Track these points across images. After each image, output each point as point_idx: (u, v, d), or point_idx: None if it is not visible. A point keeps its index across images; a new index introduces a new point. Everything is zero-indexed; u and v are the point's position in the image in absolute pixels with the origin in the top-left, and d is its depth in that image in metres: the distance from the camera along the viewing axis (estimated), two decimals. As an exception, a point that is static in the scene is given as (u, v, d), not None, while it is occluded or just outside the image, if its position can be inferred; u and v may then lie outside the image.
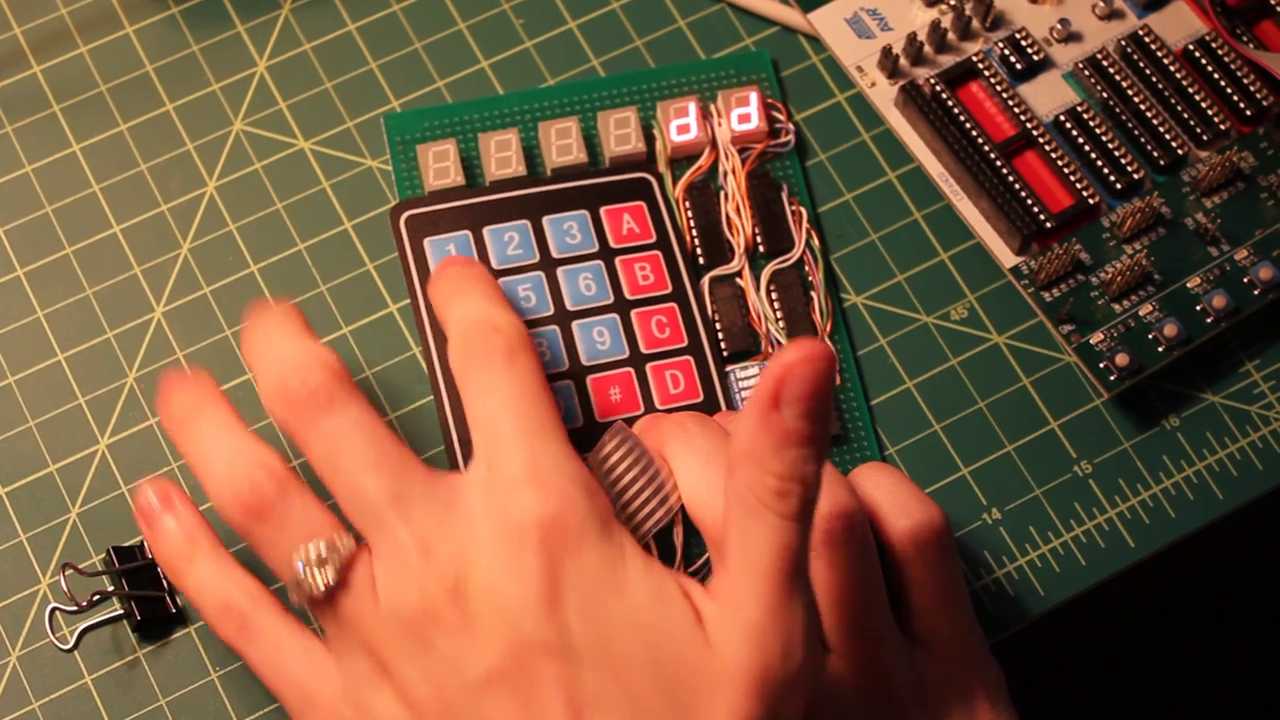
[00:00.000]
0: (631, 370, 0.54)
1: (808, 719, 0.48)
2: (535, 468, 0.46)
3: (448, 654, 0.45)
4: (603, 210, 0.56)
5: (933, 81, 0.57)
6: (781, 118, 0.58)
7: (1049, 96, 0.58)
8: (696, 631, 0.45)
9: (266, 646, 0.48)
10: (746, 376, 0.55)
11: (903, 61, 0.58)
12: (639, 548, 0.47)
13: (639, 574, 0.46)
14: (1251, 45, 0.58)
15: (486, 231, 0.55)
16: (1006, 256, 0.56)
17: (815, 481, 0.45)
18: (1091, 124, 0.57)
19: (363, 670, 0.46)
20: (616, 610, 0.45)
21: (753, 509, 0.45)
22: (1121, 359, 0.55)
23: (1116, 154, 0.57)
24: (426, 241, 0.55)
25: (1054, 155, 0.56)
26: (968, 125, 0.57)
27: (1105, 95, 0.58)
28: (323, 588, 0.46)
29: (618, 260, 0.56)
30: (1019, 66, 0.58)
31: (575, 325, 0.55)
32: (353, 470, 0.47)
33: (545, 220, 0.56)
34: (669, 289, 0.55)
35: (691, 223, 0.56)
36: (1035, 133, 0.57)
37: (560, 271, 0.55)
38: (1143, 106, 0.57)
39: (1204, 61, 0.58)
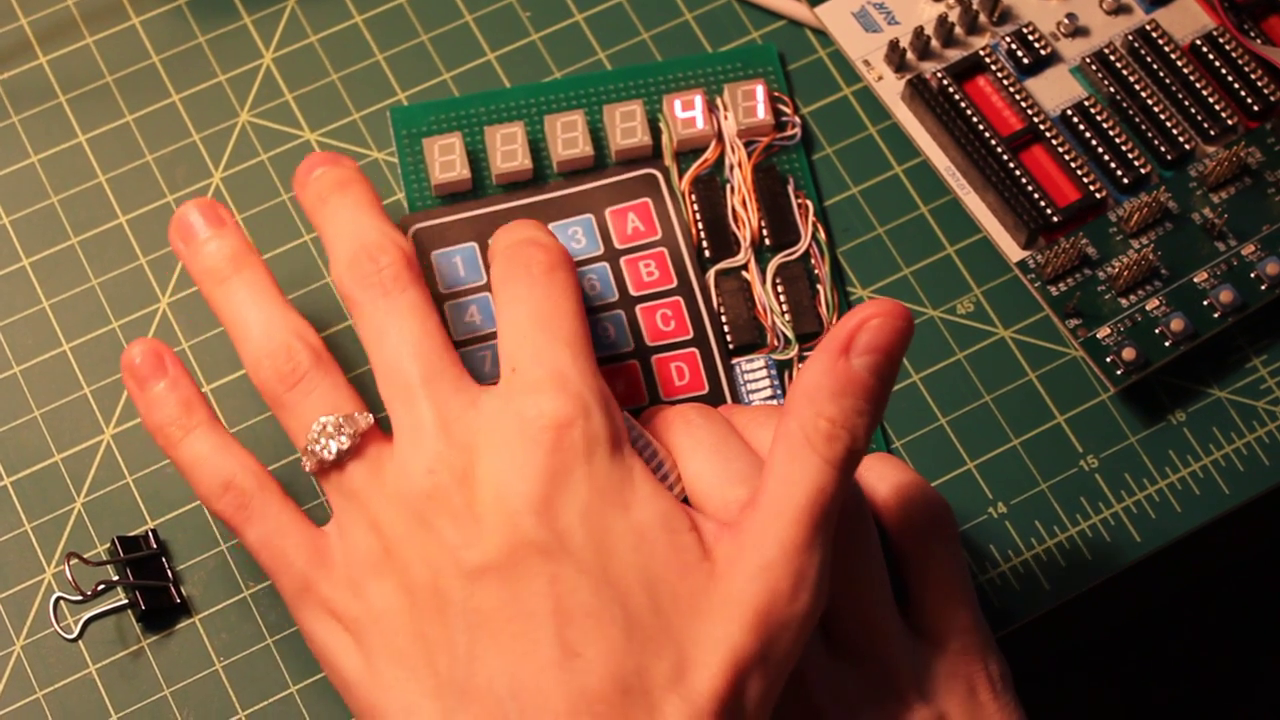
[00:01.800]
0: (637, 363, 0.54)
1: (811, 711, 0.48)
2: (558, 373, 0.47)
3: (447, 539, 0.45)
4: (607, 212, 0.56)
5: (940, 75, 0.57)
6: (788, 111, 0.58)
7: (1056, 91, 0.58)
8: (701, 562, 0.45)
9: (268, 528, 0.48)
10: (752, 369, 0.55)
11: (909, 55, 0.58)
12: (650, 474, 0.47)
13: (647, 496, 0.46)
14: (1259, 40, 0.58)
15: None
16: (1013, 250, 0.56)
17: (865, 436, 0.45)
18: (1098, 119, 0.57)
19: (365, 550, 0.47)
20: (619, 526, 0.45)
21: (798, 449, 0.45)
22: (1128, 353, 0.54)
23: (1123, 149, 0.57)
24: (434, 254, 0.55)
25: (1061, 150, 0.56)
26: (974, 119, 0.57)
27: (1112, 90, 0.57)
28: (335, 453, 0.47)
29: (623, 260, 0.56)
30: (1026, 61, 0.58)
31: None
32: (397, 346, 0.48)
33: (550, 228, 0.56)
34: (674, 284, 0.55)
35: (697, 216, 0.56)
36: (1042, 127, 0.57)
37: None
38: (1150, 101, 0.57)
39: (1211, 57, 0.58)
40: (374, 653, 0.46)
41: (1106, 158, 0.57)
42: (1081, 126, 0.57)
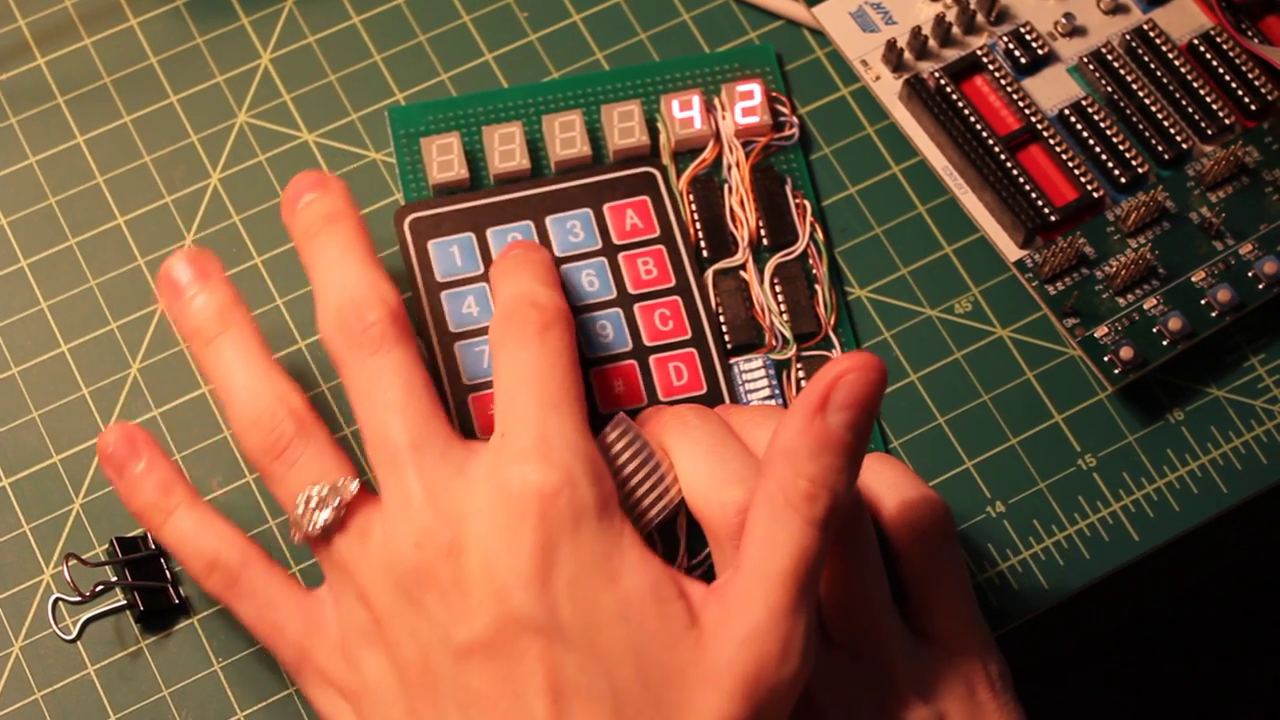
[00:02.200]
0: (635, 363, 0.54)
1: (811, 710, 0.48)
2: (544, 440, 0.46)
3: (436, 616, 0.45)
4: (606, 208, 0.56)
5: (937, 75, 0.57)
6: (786, 111, 0.58)
7: (1053, 90, 0.58)
8: (688, 631, 0.45)
9: (259, 603, 0.48)
10: (750, 369, 0.55)
11: (907, 55, 0.58)
12: (639, 539, 0.47)
13: (634, 565, 0.46)
14: (1256, 40, 0.58)
15: (490, 233, 0.55)
16: (1011, 250, 0.56)
17: (845, 492, 0.45)
18: (1096, 118, 0.57)
19: (357, 622, 0.47)
20: (607, 599, 0.45)
21: (779, 510, 0.45)
22: (1126, 353, 0.55)
23: (1121, 148, 0.57)
24: (430, 244, 0.55)
25: (1058, 149, 0.56)
26: (972, 119, 0.57)
27: (1110, 89, 0.58)
28: (319, 527, 0.47)
29: (621, 256, 0.56)
30: (1023, 60, 0.58)
31: (579, 320, 0.55)
32: (383, 410, 0.47)
33: (548, 220, 0.56)
34: (672, 282, 0.55)
35: (695, 216, 0.56)
36: (1040, 127, 0.57)
37: (564, 270, 0.55)
38: (1147, 101, 0.57)
39: (1209, 56, 0.58)
40: None
41: (1104, 157, 0.57)
42: (1079, 126, 0.57)
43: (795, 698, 0.46)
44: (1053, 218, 0.55)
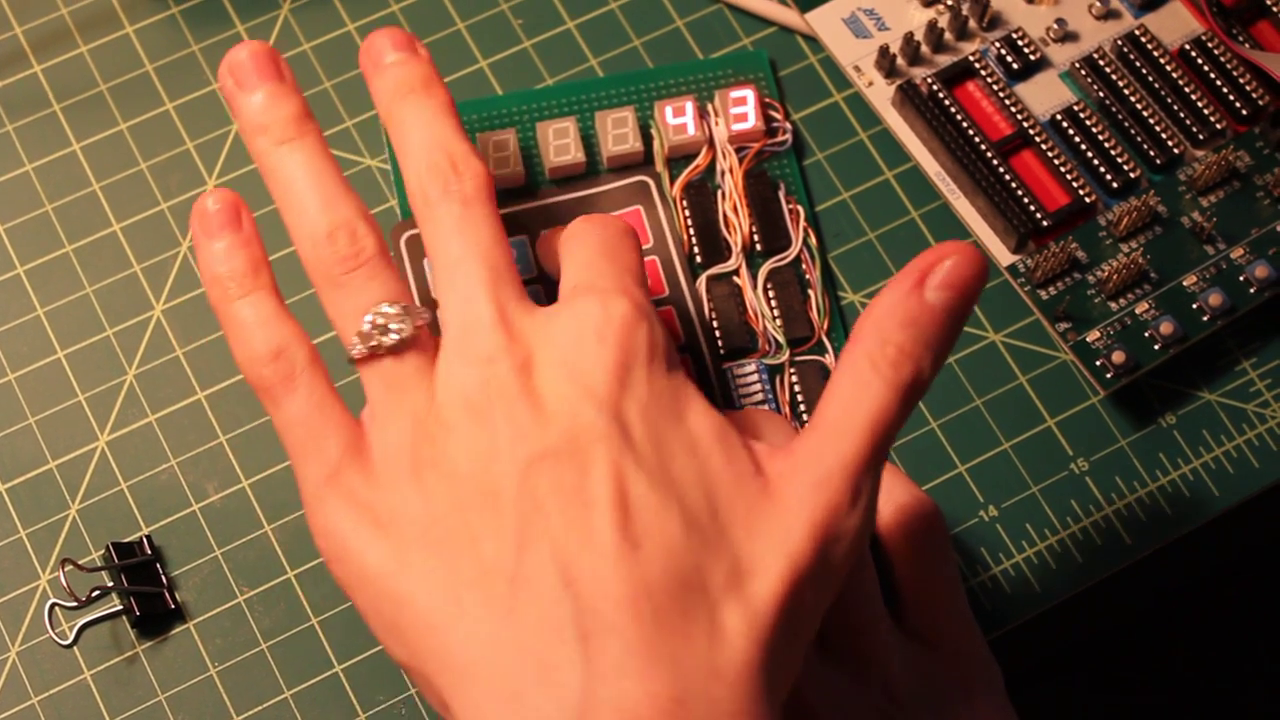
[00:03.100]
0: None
1: (804, 713, 0.48)
2: (627, 288, 0.46)
3: (502, 427, 0.44)
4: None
5: (930, 81, 0.57)
6: (779, 117, 0.59)
7: (1045, 96, 0.58)
8: (755, 475, 0.45)
9: (309, 404, 0.46)
10: (744, 374, 0.55)
11: (900, 61, 0.58)
12: (702, 394, 0.46)
13: (702, 409, 0.46)
14: (1247, 45, 0.58)
15: None
16: (1003, 255, 0.56)
17: (931, 370, 0.45)
18: (1088, 123, 0.57)
19: (405, 444, 0.45)
20: (677, 432, 0.45)
21: (863, 375, 0.45)
22: (1118, 357, 0.55)
23: (1113, 153, 0.57)
24: (426, 261, 0.55)
25: (1050, 154, 0.57)
26: (964, 124, 0.57)
27: (1102, 95, 0.58)
28: (395, 340, 0.46)
29: (616, 264, 0.56)
30: (1015, 66, 0.58)
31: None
32: (465, 249, 0.46)
33: (543, 236, 0.56)
34: (666, 292, 0.56)
35: (689, 221, 0.57)
36: (1032, 132, 0.57)
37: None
38: (1139, 106, 0.57)
39: (1200, 61, 0.58)
40: (406, 543, 0.44)
41: (1096, 162, 0.57)
42: (1071, 131, 0.57)
43: (856, 552, 0.45)
44: (1045, 223, 0.56)
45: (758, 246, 0.57)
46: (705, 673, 0.42)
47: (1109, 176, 0.56)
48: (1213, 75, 0.58)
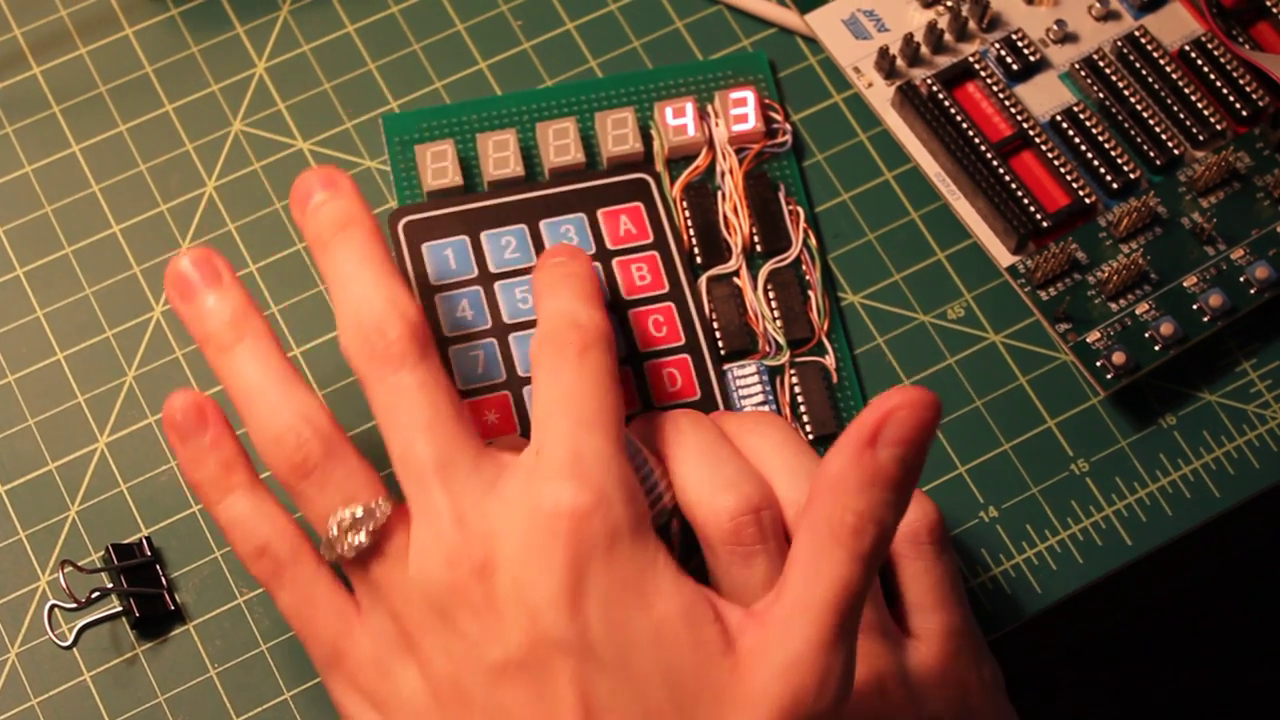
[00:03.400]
0: (629, 369, 0.55)
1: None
2: (578, 459, 0.46)
3: (468, 634, 0.45)
4: (600, 213, 0.56)
5: (929, 82, 0.57)
6: (779, 118, 0.59)
7: (1045, 97, 0.58)
8: (724, 656, 0.45)
9: (300, 596, 0.48)
10: (744, 375, 0.55)
11: (899, 62, 0.58)
12: (673, 561, 0.46)
13: (669, 587, 0.45)
14: (1247, 46, 0.58)
15: (484, 236, 0.56)
16: (1003, 256, 0.56)
17: (892, 528, 0.45)
18: (1088, 124, 0.57)
19: (389, 637, 0.47)
20: (640, 622, 0.45)
21: (824, 542, 0.44)
22: (1118, 358, 0.55)
23: (1113, 154, 0.57)
24: (424, 246, 0.55)
25: (1050, 155, 0.57)
26: (964, 125, 0.57)
27: (1101, 96, 0.58)
28: (353, 551, 0.46)
29: (615, 261, 0.56)
30: (1015, 67, 0.58)
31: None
32: (407, 428, 0.47)
33: (542, 224, 0.56)
34: (666, 289, 0.56)
35: (689, 222, 0.57)
36: (1032, 133, 0.57)
37: None
38: (1139, 107, 0.57)
39: (1200, 62, 0.58)
40: None
41: (1096, 163, 0.57)
42: (1071, 132, 0.57)
43: None
44: (1045, 223, 0.56)
45: (758, 247, 0.57)
46: None
47: (1109, 177, 0.56)
48: (1212, 76, 0.58)
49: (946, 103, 0.57)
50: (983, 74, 0.58)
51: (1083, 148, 0.57)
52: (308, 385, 0.48)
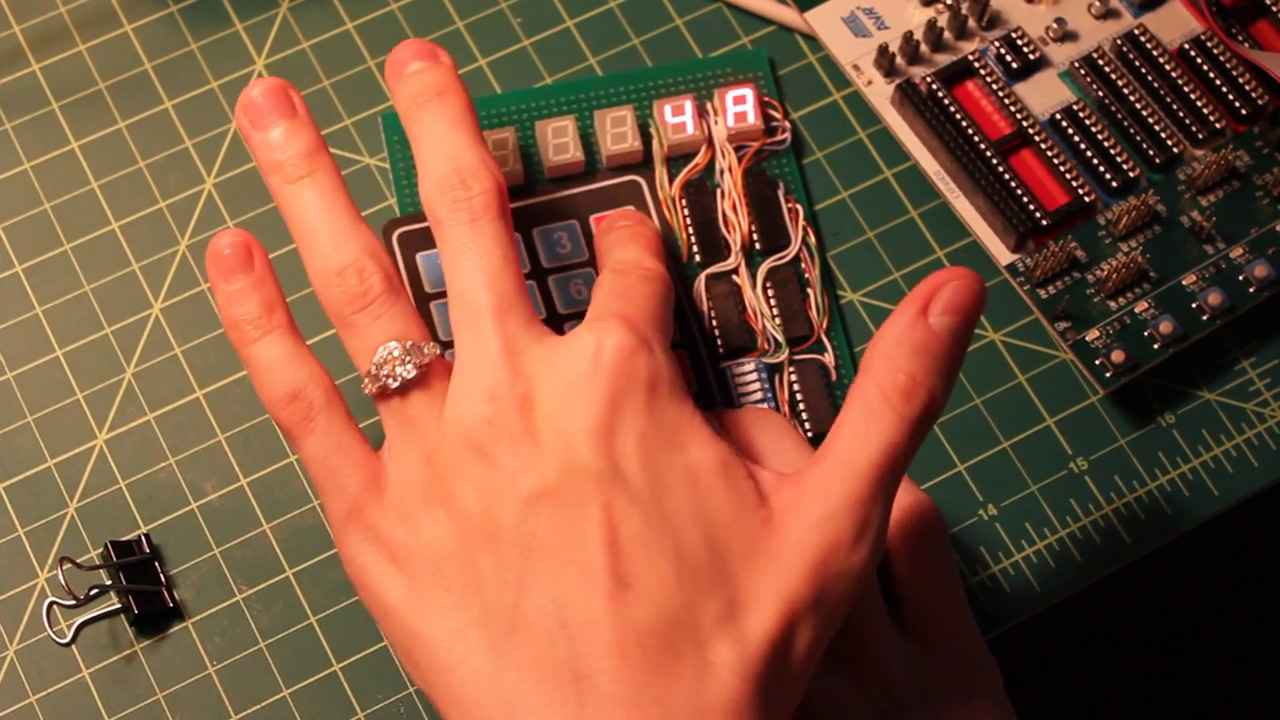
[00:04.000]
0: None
1: (807, 716, 0.48)
2: (626, 315, 0.47)
3: (504, 465, 0.45)
4: (593, 219, 0.56)
5: (929, 80, 0.57)
6: (778, 116, 0.59)
7: (1045, 95, 0.58)
8: (758, 508, 0.45)
9: (330, 444, 0.47)
10: (743, 373, 0.55)
11: (899, 60, 0.58)
12: (708, 423, 0.46)
13: (705, 439, 0.46)
14: (1247, 44, 0.58)
15: None
16: (1002, 254, 0.56)
17: (942, 398, 0.46)
18: (1087, 122, 0.57)
19: (418, 479, 0.46)
20: (676, 463, 0.45)
21: (874, 404, 0.45)
22: (1117, 356, 0.55)
23: (1112, 152, 0.57)
24: (419, 256, 0.55)
25: (1050, 153, 0.57)
26: (964, 124, 0.57)
27: (1101, 94, 0.58)
28: (400, 382, 0.47)
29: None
30: (1015, 65, 0.58)
31: (567, 326, 0.55)
32: (473, 274, 0.47)
33: (535, 232, 0.56)
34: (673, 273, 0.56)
35: (688, 220, 0.57)
36: (1031, 131, 0.57)
37: (552, 280, 0.55)
38: (1138, 105, 0.57)
39: (1199, 60, 0.58)
40: (420, 580, 0.46)
41: (1095, 161, 0.57)
42: (1070, 130, 0.57)
43: (859, 588, 0.45)
44: (1044, 222, 0.56)
45: (757, 245, 0.57)
46: (692, 711, 0.42)
47: (1108, 176, 0.56)
48: (1212, 75, 0.58)
49: (946, 101, 0.57)
50: (982, 72, 0.58)
51: (1082, 146, 0.57)
52: (372, 231, 0.49)
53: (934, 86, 0.57)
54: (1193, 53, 0.58)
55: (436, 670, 0.45)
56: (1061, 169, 0.56)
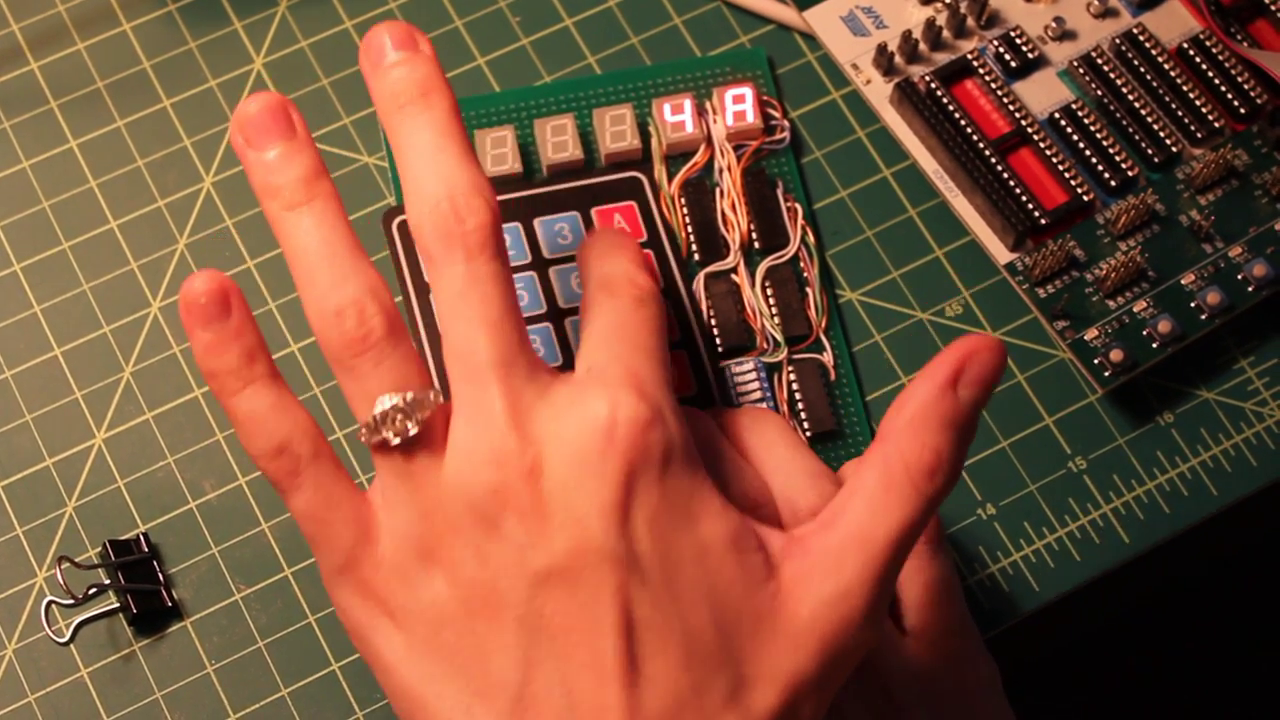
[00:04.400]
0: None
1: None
2: (636, 377, 0.45)
3: (512, 538, 0.43)
4: (594, 211, 0.56)
5: (928, 79, 0.57)
6: (777, 115, 0.58)
7: (1044, 94, 0.58)
8: (766, 582, 0.44)
9: (320, 498, 0.45)
10: (742, 372, 0.55)
11: (898, 59, 0.58)
12: (718, 489, 0.45)
13: (716, 512, 0.45)
14: (1245, 43, 0.58)
15: None
16: (1001, 253, 0.56)
17: (958, 475, 0.45)
18: (1086, 121, 0.57)
19: (414, 540, 0.45)
20: (687, 540, 0.44)
21: (897, 479, 0.44)
22: (1116, 355, 0.55)
23: (1111, 151, 0.57)
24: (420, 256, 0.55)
25: (1048, 152, 0.57)
26: (962, 122, 0.57)
27: (1100, 93, 0.58)
28: (399, 436, 0.44)
29: (612, 259, 0.56)
30: (1014, 64, 0.58)
31: (568, 322, 0.55)
32: (473, 321, 0.44)
33: (537, 222, 0.56)
34: (661, 286, 0.56)
35: (687, 219, 0.57)
36: (1030, 130, 0.57)
37: (553, 271, 0.55)
38: (1137, 104, 0.57)
39: (1198, 59, 0.58)
40: (418, 641, 0.44)
41: (1094, 160, 0.57)
42: (1069, 129, 0.57)
43: (860, 659, 0.45)
44: (1043, 221, 0.56)
45: (756, 244, 0.57)
46: None
47: (1107, 175, 0.56)
48: (1211, 74, 0.58)
49: (945, 100, 0.57)
50: (981, 71, 0.58)
51: (1081, 145, 0.57)
52: (373, 264, 0.46)
53: (933, 85, 0.57)
54: (1191, 52, 0.58)
55: None
56: (1060, 168, 0.56)
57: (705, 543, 0.44)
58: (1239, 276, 0.56)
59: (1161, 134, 0.57)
